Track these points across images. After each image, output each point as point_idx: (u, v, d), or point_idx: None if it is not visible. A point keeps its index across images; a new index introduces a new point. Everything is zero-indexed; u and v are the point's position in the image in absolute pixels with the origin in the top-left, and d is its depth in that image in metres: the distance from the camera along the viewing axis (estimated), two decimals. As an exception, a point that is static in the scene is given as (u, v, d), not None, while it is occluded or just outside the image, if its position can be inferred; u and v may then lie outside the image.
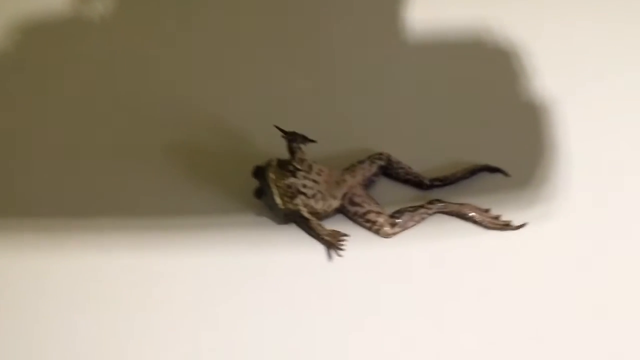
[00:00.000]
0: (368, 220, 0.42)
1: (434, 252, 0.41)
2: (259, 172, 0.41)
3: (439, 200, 0.42)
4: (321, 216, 0.42)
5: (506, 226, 0.42)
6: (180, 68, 0.55)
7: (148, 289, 0.41)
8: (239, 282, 0.41)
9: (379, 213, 0.42)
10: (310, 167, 0.42)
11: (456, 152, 0.46)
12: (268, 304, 0.40)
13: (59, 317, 0.40)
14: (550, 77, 0.50)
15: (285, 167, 0.41)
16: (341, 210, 0.43)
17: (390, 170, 0.45)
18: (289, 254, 0.42)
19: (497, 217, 0.42)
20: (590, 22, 0.54)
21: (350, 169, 0.44)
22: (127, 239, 0.43)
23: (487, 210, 0.42)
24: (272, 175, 0.40)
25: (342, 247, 0.41)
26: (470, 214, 0.42)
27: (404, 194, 0.44)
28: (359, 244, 0.42)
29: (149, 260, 0.42)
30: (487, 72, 0.51)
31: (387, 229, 0.42)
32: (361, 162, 0.44)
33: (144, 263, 0.42)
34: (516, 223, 0.42)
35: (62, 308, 0.40)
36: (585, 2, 0.56)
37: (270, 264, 0.41)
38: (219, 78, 0.54)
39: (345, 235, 0.42)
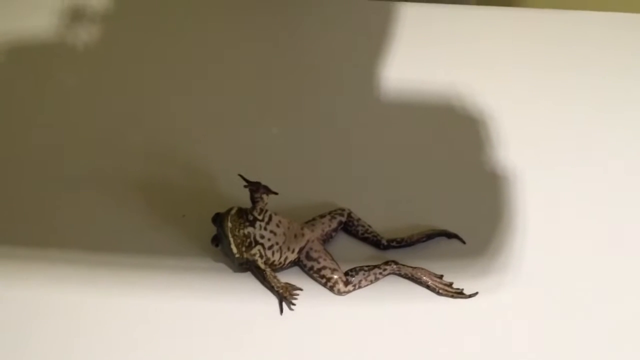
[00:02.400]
0: (323, 277, 0.42)
1: (384, 313, 0.41)
2: (218, 219, 0.41)
3: (394, 262, 0.43)
4: (276, 268, 0.42)
5: (458, 294, 0.42)
6: (157, 105, 0.55)
7: (89, 324, 0.40)
8: (187, 326, 0.40)
9: (334, 270, 0.42)
10: (270, 218, 0.42)
11: (416, 215, 0.46)
12: (214, 350, 0.39)
13: None
14: (515, 147, 0.51)
15: (245, 216, 0.41)
16: (297, 264, 0.43)
17: (349, 227, 0.45)
18: (241, 302, 0.42)
19: (449, 284, 0.43)
20: (559, 99, 0.56)
21: (311, 222, 0.44)
22: (76, 272, 0.43)
23: (440, 276, 0.43)
24: (229, 224, 0.40)
25: (294, 300, 0.41)
26: (424, 279, 0.42)
27: (361, 252, 0.45)
28: (312, 299, 0.42)
29: (95, 295, 0.42)
30: (454, 138, 0.53)
31: (341, 286, 0.42)
32: (322, 216, 0.45)
33: (89, 297, 0.42)
34: (468, 292, 0.42)
35: None
36: (557, 78, 0.58)
37: (221, 310, 0.41)
38: (195, 119, 0.54)
39: (299, 289, 0.42)
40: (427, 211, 0.47)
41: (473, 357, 0.40)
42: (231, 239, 0.40)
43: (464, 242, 0.45)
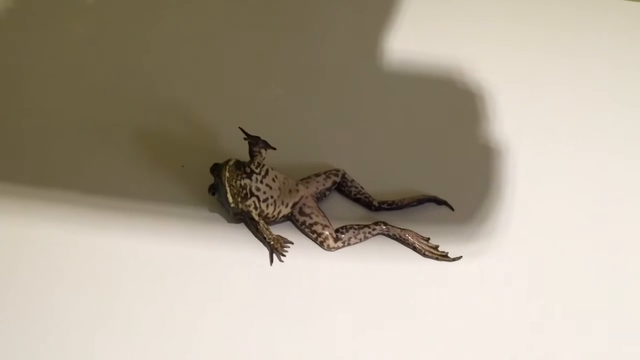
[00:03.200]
0: (314, 232, 0.44)
1: (371, 270, 0.43)
2: (216, 169, 0.42)
3: (384, 223, 0.44)
4: (270, 221, 0.44)
5: (443, 257, 0.44)
6: (162, 58, 0.57)
7: (90, 265, 0.42)
8: (180, 271, 0.42)
9: (325, 226, 0.44)
10: (266, 172, 0.43)
11: (408, 181, 0.48)
12: (204, 296, 0.41)
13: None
14: (508, 123, 0.53)
15: (242, 168, 0.42)
16: (290, 218, 0.45)
17: (343, 187, 0.47)
18: (234, 251, 0.43)
19: (435, 247, 0.44)
20: (555, 80, 0.57)
21: (306, 180, 0.46)
22: (77, 213, 0.44)
23: (427, 239, 0.44)
24: (227, 174, 0.41)
25: (285, 252, 0.43)
26: (411, 240, 0.44)
27: (353, 212, 0.46)
28: (301, 253, 0.43)
29: (96, 237, 0.43)
30: (452, 109, 0.54)
31: (330, 242, 0.43)
32: (317, 175, 0.46)
33: (89, 239, 0.43)
34: (453, 255, 0.44)
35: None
36: (555, 60, 0.59)
37: (214, 258, 0.43)
38: (198, 74, 0.55)
39: (290, 242, 0.44)
40: (419, 177, 0.48)
41: (453, 317, 0.41)
42: (228, 189, 0.41)
43: (452, 209, 0.47)
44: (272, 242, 0.43)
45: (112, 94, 0.53)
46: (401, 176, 0.48)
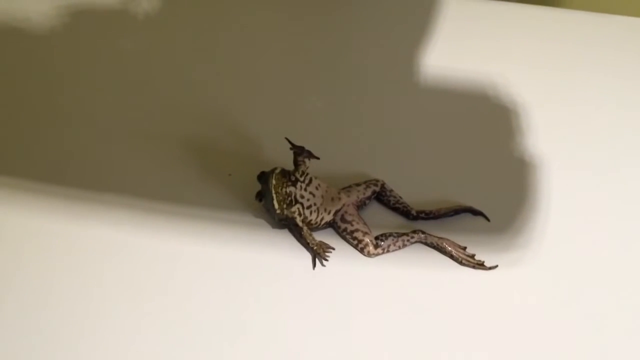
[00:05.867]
0: (355, 238, 0.46)
1: (409, 277, 0.44)
2: (263, 177, 0.45)
3: (421, 231, 0.46)
4: (313, 227, 0.46)
5: (479, 265, 0.45)
6: (210, 71, 0.60)
7: (139, 267, 0.44)
8: (226, 274, 0.44)
9: (365, 233, 0.46)
10: (310, 180, 0.45)
11: (445, 192, 0.50)
12: (249, 298, 0.43)
13: (51, 281, 0.43)
14: (543, 138, 0.54)
15: (287, 176, 0.45)
16: (332, 225, 0.47)
17: (382, 197, 0.49)
18: (278, 256, 0.45)
19: (472, 256, 0.46)
20: (591, 91, 0.59)
21: (347, 189, 0.48)
22: (127, 217, 0.47)
23: (464, 248, 0.46)
24: (273, 182, 0.43)
25: (327, 257, 0.45)
26: (448, 249, 0.45)
27: (391, 221, 0.48)
28: (343, 259, 0.45)
29: (146, 239, 0.45)
30: (487, 123, 0.56)
31: (371, 248, 0.45)
32: (357, 184, 0.48)
33: (141, 242, 0.45)
34: (489, 264, 0.45)
35: (51, 271, 0.44)
36: (587, 77, 0.61)
37: (258, 262, 0.45)
38: (245, 86, 0.58)
39: (332, 248, 0.45)
40: (456, 189, 0.50)
41: (487, 325, 0.42)
42: (274, 195, 0.44)
43: (488, 220, 0.48)
44: (315, 248, 0.45)
45: (161, 106, 0.56)
46: (438, 187, 0.50)
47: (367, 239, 0.45)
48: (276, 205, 0.44)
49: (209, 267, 0.44)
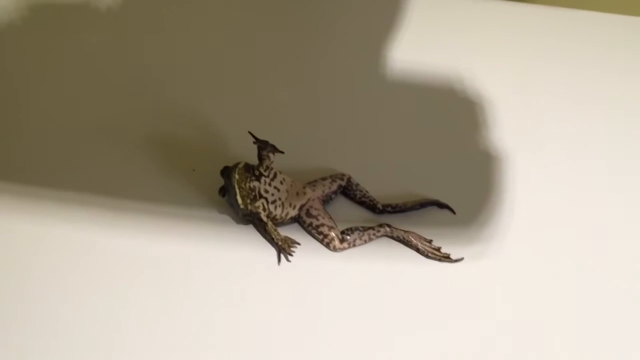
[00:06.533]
0: (320, 233, 0.45)
1: (375, 271, 0.44)
2: (226, 172, 0.44)
3: (387, 225, 0.46)
4: (278, 222, 0.45)
5: (445, 258, 0.45)
6: (173, 65, 0.58)
7: (99, 265, 0.43)
8: (190, 271, 0.43)
9: (331, 227, 0.45)
10: (275, 174, 0.45)
11: (411, 185, 0.49)
12: (213, 294, 0.42)
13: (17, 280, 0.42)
14: (508, 131, 0.54)
15: (251, 171, 0.44)
16: (297, 220, 0.46)
17: (348, 191, 0.48)
18: (242, 252, 0.45)
19: (438, 249, 0.46)
20: (556, 85, 0.59)
21: (312, 183, 0.47)
22: (87, 214, 0.46)
23: (430, 241, 0.46)
24: (237, 176, 0.43)
25: (292, 253, 0.44)
26: (414, 242, 0.45)
27: (357, 215, 0.48)
28: (308, 253, 0.45)
29: (106, 237, 0.45)
30: (453, 117, 0.56)
31: (336, 243, 0.45)
32: (323, 179, 0.48)
33: (100, 239, 0.44)
34: (455, 257, 0.45)
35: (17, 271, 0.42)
36: (553, 71, 0.61)
37: (222, 258, 0.44)
38: (209, 80, 0.57)
39: (297, 243, 0.45)
40: (422, 182, 0.50)
41: (453, 317, 0.42)
42: (237, 191, 0.43)
43: (454, 213, 0.48)
44: (280, 243, 0.44)
45: (124, 100, 0.55)
46: (404, 181, 0.50)
47: (332, 234, 0.45)
48: (240, 201, 0.43)
49: (172, 264, 0.43)
